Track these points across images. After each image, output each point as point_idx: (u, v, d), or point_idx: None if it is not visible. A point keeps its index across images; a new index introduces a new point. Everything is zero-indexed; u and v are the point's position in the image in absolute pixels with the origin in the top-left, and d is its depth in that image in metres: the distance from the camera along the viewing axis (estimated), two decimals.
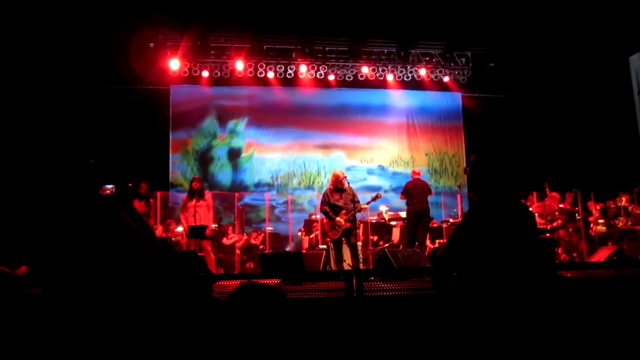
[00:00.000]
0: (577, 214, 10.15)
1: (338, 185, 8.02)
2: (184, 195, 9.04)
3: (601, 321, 3.71)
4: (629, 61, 13.46)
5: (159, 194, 10.31)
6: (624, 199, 9.98)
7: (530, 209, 9.32)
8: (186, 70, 12.47)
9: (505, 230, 2.52)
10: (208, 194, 8.60)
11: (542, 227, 9.30)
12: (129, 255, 2.95)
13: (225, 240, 10.91)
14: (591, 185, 10.64)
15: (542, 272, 2.62)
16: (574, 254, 9.80)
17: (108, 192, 3.15)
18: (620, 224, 9.61)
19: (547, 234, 9.21)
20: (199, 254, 7.86)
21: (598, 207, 10.36)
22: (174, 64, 12.24)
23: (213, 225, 8.86)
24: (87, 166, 2.91)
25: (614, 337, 3.61)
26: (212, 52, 12.45)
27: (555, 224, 9.52)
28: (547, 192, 9.91)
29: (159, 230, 9.84)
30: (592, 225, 10.16)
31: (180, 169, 12.96)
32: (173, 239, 9.97)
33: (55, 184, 2.86)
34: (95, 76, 11.35)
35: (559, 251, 9.41)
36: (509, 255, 2.51)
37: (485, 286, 2.51)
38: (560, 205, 9.75)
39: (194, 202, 8.17)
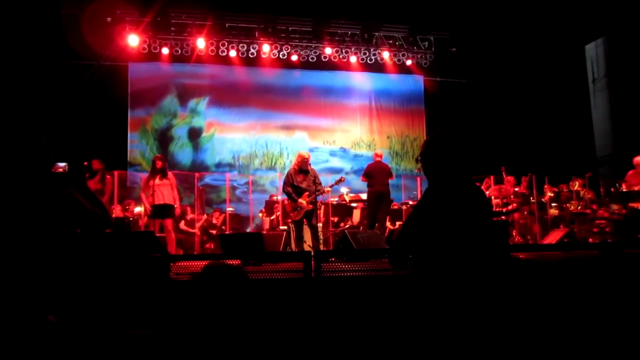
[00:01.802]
0: (531, 198, 10.45)
1: (302, 167, 8.00)
2: (143, 175, 8.86)
3: (552, 301, 3.84)
4: (584, 50, 13.86)
5: (116, 173, 10.04)
6: (576, 183, 10.30)
7: (487, 192, 9.56)
8: (145, 46, 12.13)
9: (459, 213, 2.57)
10: (171, 173, 8.45)
11: (498, 210, 9.53)
12: (82, 235, 2.88)
13: (182, 226, 10.76)
14: (546, 170, 10.99)
15: (495, 254, 2.68)
16: (528, 237, 10.11)
17: (60, 170, 3.06)
18: (572, 207, 9.92)
19: (503, 217, 9.45)
20: (160, 235, 7.75)
21: (552, 191, 10.70)
22: (133, 40, 11.90)
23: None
24: (39, 144, 2.81)
25: (564, 316, 3.75)
26: (172, 28, 12.15)
27: (510, 207, 9.77)
28: (504, 176, 10.15)
29: (117, 210, 9.64)
30: (548, 207, 10.50)
31: (139, 148, 12.69)
32: (131, 219, 9.80)
33: (5, 163, 2.75)
34: (49, 50, 10.93)
35: (514, 233, 9.68)
36: (463, 237, 2.56)
37: (439, 268, 2.56)
38: (516, 189, 10.00)
39: (156, 180, 8.01)
